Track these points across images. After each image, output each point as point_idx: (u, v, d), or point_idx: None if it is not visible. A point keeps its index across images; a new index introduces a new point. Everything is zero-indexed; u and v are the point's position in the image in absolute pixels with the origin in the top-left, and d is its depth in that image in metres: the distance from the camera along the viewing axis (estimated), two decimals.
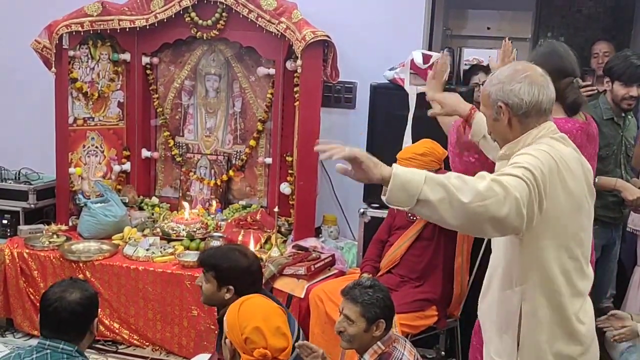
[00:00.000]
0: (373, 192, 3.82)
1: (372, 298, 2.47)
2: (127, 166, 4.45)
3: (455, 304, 3.38)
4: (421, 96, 3.61)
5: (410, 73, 3.60)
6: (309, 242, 3.79)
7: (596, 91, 3.89)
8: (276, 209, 3.83)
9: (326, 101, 4.07)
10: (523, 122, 1.94)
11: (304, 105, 3.82)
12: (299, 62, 3.72)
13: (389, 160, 1.84)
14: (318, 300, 3.28)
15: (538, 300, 1.92)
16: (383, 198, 1.78)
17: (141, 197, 4.44)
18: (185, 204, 4.22)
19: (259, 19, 3.89)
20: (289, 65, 4.01)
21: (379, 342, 2.49)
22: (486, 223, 1.71)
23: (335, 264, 3.68)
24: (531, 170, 1.78)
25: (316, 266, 3.55)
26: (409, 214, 3.41)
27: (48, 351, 2.22)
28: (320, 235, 4.08)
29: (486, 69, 4.47)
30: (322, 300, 3.28)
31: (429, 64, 3.54)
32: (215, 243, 3.79)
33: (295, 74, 3.99)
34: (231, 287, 2.60)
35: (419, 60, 3.55)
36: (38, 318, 3.71)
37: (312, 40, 3.65)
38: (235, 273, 2.62)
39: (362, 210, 3.79)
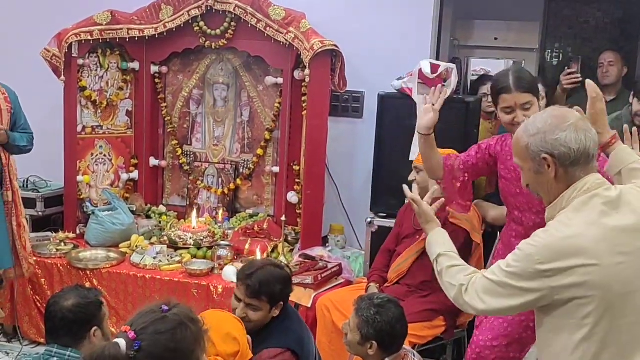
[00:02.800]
0: (380, 201, 3.83)
1: (371, 317, 2.43)
2: (135, 174, 4.46)
3: (463, 314, 3.36)
4: None
5: (418, 82, 3.60)
6: (316, 251, 3.78)
7: (580, 79, 3.87)
8: (283, 218, 3.82)
9: (334, 110, 4.08)
10: (570, 172, 1.81)
11: (311, 115, 3.83)
12: (307, 71, 3.73)
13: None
14: (325, 309, 3.27)
15: None
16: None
17: (149, 205, 4.45)
18: (193, 213, 4.22)
19: (268, 28, 3.91)
20: (297, 74, 4.02)
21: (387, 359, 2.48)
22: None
23: (342, 273, 3.67)
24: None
25: (323, 275, 3.54)
26: (416, 223, 3.40)
27: (55, 358, 2.22)
28: (327, 245, 4.08)
29: None
30: (329, 310, 3.27)
31: (437, 74, 3.54)
32: (223, 252, 3.80)
33: (303, 83, 4.00)
34: (281, 302, 2.58)
35: (427, 69, 3.55)
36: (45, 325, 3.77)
37: (320, 50, 3.66)
38: (287, 291, 2.62)
39: (369, 220, 3.79)
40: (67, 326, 2.22)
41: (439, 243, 2.12)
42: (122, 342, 1.42)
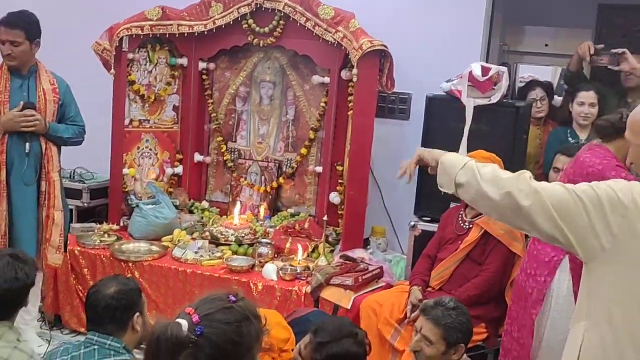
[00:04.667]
0: (424, 204, 3.78)
1: (455, 321, 2.40)
2: (179, 169, 4.50)
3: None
4: (478, 109, 3.55)
5: (468, 85, 3.54)
6: (357, 253, 3.74)
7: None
8: (325, 218, 3.80)
9: (380, 111, 4.04)
10: None
11: (357, 115, 3.80)
12: (354, 71, 3.70)
13: None
14: (371, 312, 3.23)
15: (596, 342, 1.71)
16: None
17: (192, 200, 4.48)
18: (235, 209, 4.23)
19: (316, 27, 3.89)
20: (344, 74, 3.99)
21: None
22: (515, 216, 1.71)
23: (383, 276, 3.63)
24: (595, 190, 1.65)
25: (364, 277, 3.50)
26: (457, 229, 3.35)
27: (95, 347, 2.23)
28: (369, 247, 4.04)
29: (543, 85, 4.38)
30: (376, 314, 3.22)
31: (488, 77, 3.48)
32: (264, 249, 3.79)
33: (349, 83, 3.97)
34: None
35: (477, 72, 3.49)
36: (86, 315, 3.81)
37: (369, 50, 3.63)
38: None
39: (412, 223, 3.74)
40: (110, 313, 2.24)
41: (455, 158, 1.90)
42: (184, 323, 1.39)
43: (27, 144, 3.44)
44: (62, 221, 3.60)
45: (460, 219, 3.39)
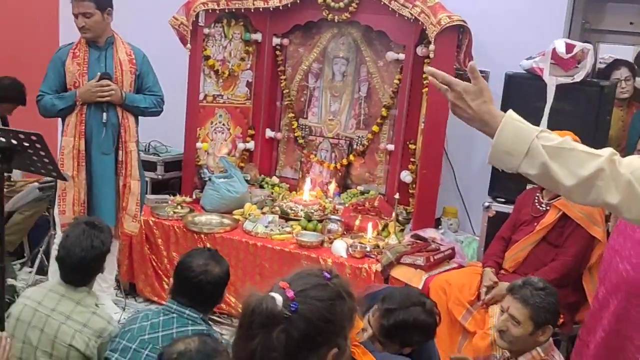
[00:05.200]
0: (499, 185, 3.69)
1: (544, 301, 2.34)
2: (251, 145, 4.54)
3: (582, 309, 3.18)
4: (560, 87, 3.42)
5: (551, 63, 3.41)
6: (428, 233, 3.68)
7: None
8: (397, 196, 3.75)
9: None
10: None
11: (432, 92, 3.71)
12: (431, 46, 3.61)
13: None
14: (441, 291, 3.18)
15: None
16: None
17: (262, 175, 4.51)
18: (305, 185, 4.24)
19: (392, 2, 3.82)
20: (420, 50, 3.92)
21: (538, 348, 2.38)
22: (598, 205, 1.49)
23: (455, 257, 3.56)
24: None
25: (435, 257, 3.44)
26: (534, 210, 3.25)
27: (174, 315, 2.28)
28: (440, 227, 3.97)
29: (628, 65, 4.18)
30: (446, 293, 3.18)
31: (572, 54, 3.34)
32: (333, 226, 3.78)
33: (425, 60, 3.89)
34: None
35: (561, 49, 3.36)
36: (159, 284, 3.89)
37: (447, 25, 3.54)
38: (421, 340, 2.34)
39: (486, 204, 3.65)
40: (216, 293, 2.35)
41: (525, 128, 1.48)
42: (278, 298, 1.39)
43: (104, 114, 3.50)
44: (138, 190, 3.65)
45: (536, 200, 3.29)
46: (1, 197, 3.00)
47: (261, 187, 4.41)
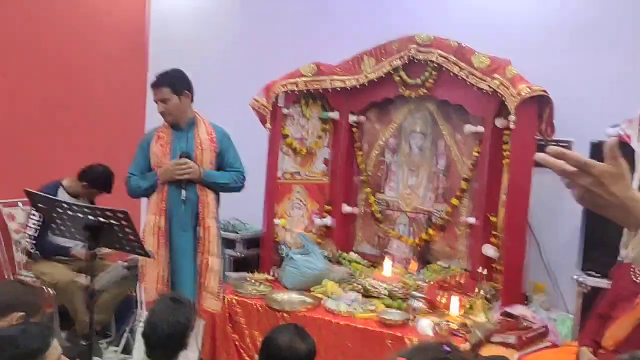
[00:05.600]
0: (591, 258, 3.53)
1: None
2: (328, 220, 4.54)
3: None
4: None
5: (639, 129, 3.31)
6: (518, 310, 3.53)
7: None
8: (484, 272, 3.64)
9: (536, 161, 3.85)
10: None
11: (514, 163, 3.66)
12: (511, 117, 3.58)
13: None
14: None
15: None
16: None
17: (340, 251, 4.48)
18: (386, 262, 4.18)
19: (470, 76, 3.83)
20: (499, 122, 3.88)
21: None
22: None
23: (548, 335, 3.39)
24: None
25: (527, 336, 3.29)
26: (632, 284, 3.08)
27: None
28: (529, 304, 3.81)
29: None
30: None
31: None
32: (417, 304, 3.68)
33: (504, 132, 3.85)
34: None
35: None
36: None
37: (527, 96, 3.50)
38: None
39: (579, 279, 3.49)
40: None
41: None
42: None
43: (183, 191, 3.57)
44: (217, 267, 3.66)
45: (632, 273, 3.12)
46: (92, 276, 3.09)
47: (339, 263, 4.37)
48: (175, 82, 3.60)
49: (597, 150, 3.54)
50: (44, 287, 4.18)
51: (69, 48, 4.93)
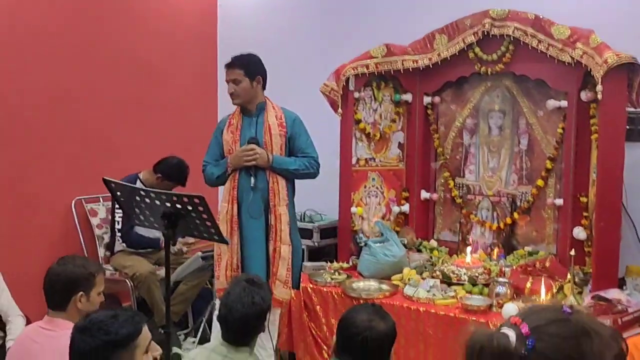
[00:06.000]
0: None
1: None
2: (405, 207, 4.40)
3: None
4: None
5: None
6: (612, 294, 3.28)
7: None
8: (572, 253, 3.39)
9: (629, 134, 3.57)
10: None
11: (604, 137, 3.40)
12: (599, 87, 3.32)
13: None
14: (629, 357, 2.77)
15: None
16: None
17: (419, 239, 4.33)
18: (467, 248, 4.00)
19: (550, 48, 3.61)
20: (584, 95, 3.63)
21: None
22: None
23: None
24: None
25: (623, 320, 3.05)
26: None
27: None
28: (625, 288, 3.54)
29: None
30: (634, 359, 2.77)
31: None
32: (501, 289, 3.49)
33: (590, 105, 3.61)
34: None
35: None
36: (318, 353, 3.77)
37: (615, 64, 3.25)
38: None
39: None
40: (382, 350, 2.23)
41: None
42: (511, 334, 1.23)
43: (252, 178, 3.53)
44: (289, 255, 3.58)
45: None
46: (167, 265, 3.09)
47: (419, 251, 4.22)
48: (249, 65, 3.59)
49: None
50: (126, 280, 4.26)
51: (141, 44, 5.02)
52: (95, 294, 2.46)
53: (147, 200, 3.00)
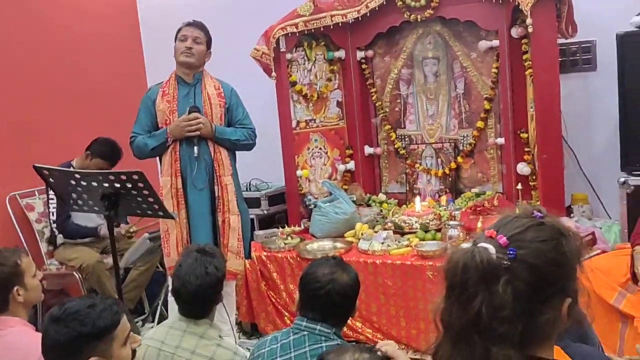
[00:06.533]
0: (633, 156, 3.31)
1: None
2: (351, 165, 4.37)
3: None
4: None
5: None
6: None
7: None
8: (519, 186, 3.44)
9: (561, 66, 3.61)
10: None
11: (538, 70, 3.43)
12: (528, 20, 3.32)
13: None
14: (584, 279, 2.82)
15: None
16: None
17: (368, 194, 4.31)
18: (416, 198, 4.00)
19: None
20: (515, 32, 3.65)
21: None
22: None
23: (597, 243, 3.20)
24: None
25: None
26: None
27: (305, 333, 2.10)
28: (572, 215, 3.61)
29: None
30: (589, 280, 2.82)
31: None
32: (453, 232, 3.51)
33: (522, 42, 3.63)
34: None
35: None
36: (280, 320, 3.73)
37: None
38: None
39: (622, 180, 3.28)
40: (347, 302, 2.15)
41: None
42: (490, 247, 1.19)
43: (195, 148, 3.42)
44: (239, 225, 3.52)
45: None
46: (114, 249, 2.97)
47: (368, 206, 4.20)
48: (208, 34, 3.57)
49: (625, 41, 3.30)
50: (73, 273, 4.10)
51: (62, 26, 4.79)
52: (30, 279, 2.34)
53: (84, 183, 2.86)
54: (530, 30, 3.35)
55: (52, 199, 4.16)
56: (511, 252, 1.18)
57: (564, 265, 1.22)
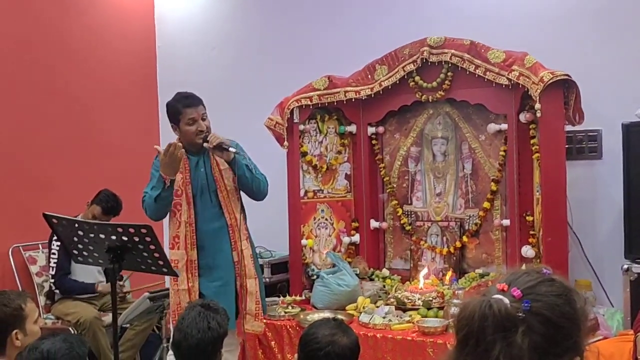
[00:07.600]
0: (636, 245, 3.32)
1: None
2: (356, 238, 4.38)
3: None
4: None
5: None
6: None
7: None
8: (523, 267, 3.42)
9: (567, 153, 3.68)
10: None
11: (545, 155, 3.49)
12: (537, 106, 3.41)
13: None
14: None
15: None
16: None
17: (371, 269, 4.31)
18: (420, 273, 4.00)
19: (487, 73, 3.72)
20: (523, 117, 3.74)
21: None
22: None
23: (599, 329, 3.17)
24: None
25: None
26: None
27: None
28: None
29: None
30: None
31: None
32: (456, 310, 3.47)
33: (530, 126, 3.72)
34: None
35: None
36: None
37: (550, 81, 3.36)
38: None
39: (625, 267, 3.29)
40: None
41: None
42: (504, 299, 1.20)
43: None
44: (256, 289, 3.47)
45: None
46: (114, 298, 2.96)
47: (371, 280, 4.19)
48: (202, 101, 3.50)
49: (630, 131, 3.39)
50: (69, 328, 4.06)
51: (78, 84, 4.94)
52: (31, 324, 2.33)
53: (91, 234, 2.89)
54: (538, 115, 3.45)
55: (54, 253, 4.18)
56: (526, 304, 1.19)
57: (576, 320, 1.23)
